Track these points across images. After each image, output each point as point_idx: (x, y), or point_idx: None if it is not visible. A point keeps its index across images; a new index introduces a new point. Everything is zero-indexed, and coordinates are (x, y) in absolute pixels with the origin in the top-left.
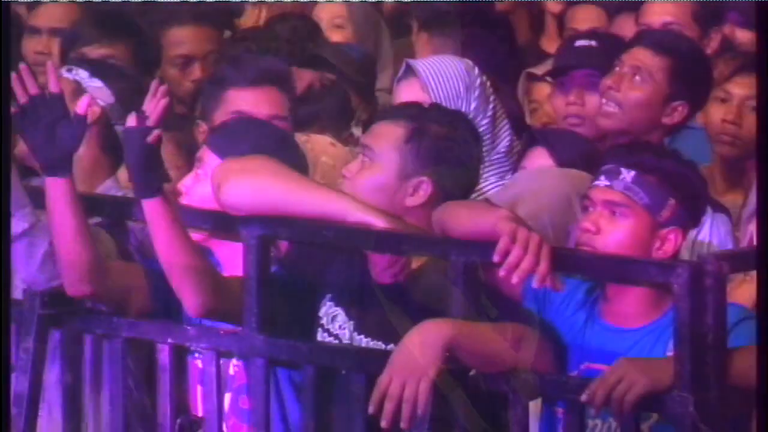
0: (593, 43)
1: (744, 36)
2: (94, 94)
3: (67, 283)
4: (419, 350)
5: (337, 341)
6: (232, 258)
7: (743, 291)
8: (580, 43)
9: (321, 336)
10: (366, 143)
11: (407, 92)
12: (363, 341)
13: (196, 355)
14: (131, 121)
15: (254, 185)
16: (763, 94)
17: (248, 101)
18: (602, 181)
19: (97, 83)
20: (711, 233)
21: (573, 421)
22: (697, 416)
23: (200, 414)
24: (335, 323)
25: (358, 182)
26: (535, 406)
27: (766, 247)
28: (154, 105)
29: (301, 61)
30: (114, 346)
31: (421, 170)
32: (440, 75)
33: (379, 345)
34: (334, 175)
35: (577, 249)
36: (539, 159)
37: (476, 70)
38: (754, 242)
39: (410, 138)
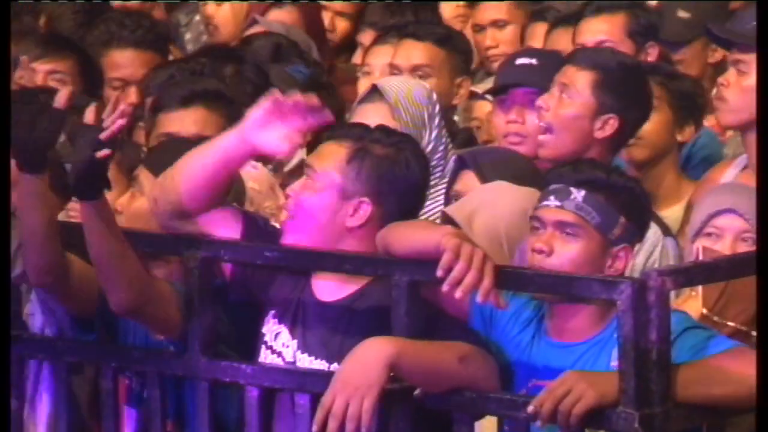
0: (533, 61)
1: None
2: None
3: (29, 272)
4: (362, 368)
5: (280, 359)
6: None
7: (689, 306)
8: (520, 61)
9: (264, 353)
10: (309, 163)
11: (374, 115)
12: (306, 360)
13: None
14: (89, 116)
15: (174, 175)
16: (763, 92)
17: (175, 122)
18: (552, 201)
19: None
20: (661, 259)
21: None
22: None
23: None
24: (279, 341)
25: (300, 201)
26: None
27: (766, 247)
28: (111, 121)
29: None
30: (58, 370)
31: (361, 191)
32: (408, 100)
33: (323, 364)
34: (260, 200)
35: (522, 267)
36: (469, 182)
37: (434, 96)
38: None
39: (352, 158)
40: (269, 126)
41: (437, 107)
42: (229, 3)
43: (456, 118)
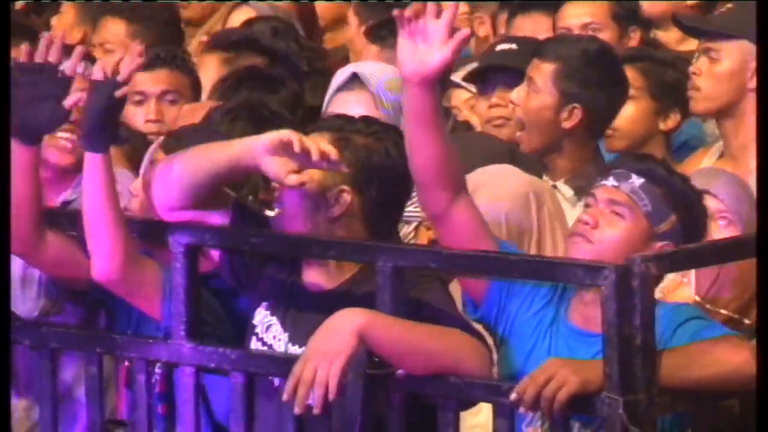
0: (513, 46)
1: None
2: None
3: (13, 240)
4: (331, 335)
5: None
6: None
7: (681, 294)
8: (501, 47)
9: (255, 344)
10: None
11: (355, 103)
12: (298, 351)
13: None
14: (98, 74)
15: (178, 165)
16: (763, 90)
17: (143, 82)
18: (610, 182)
19: None
20: None
21: (503, 425)
22: (626, 418)
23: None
24: (270, 333)
25: (283, 192)
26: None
27: (765, 245)
28: (128, 63)
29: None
30: (42, 357)
31: (341, 180)
32: (388, 86)
33: None
34: None
35: (505, 252)
36: None
37: None
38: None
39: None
40: (279, 154)
41: None
42: None
43: None
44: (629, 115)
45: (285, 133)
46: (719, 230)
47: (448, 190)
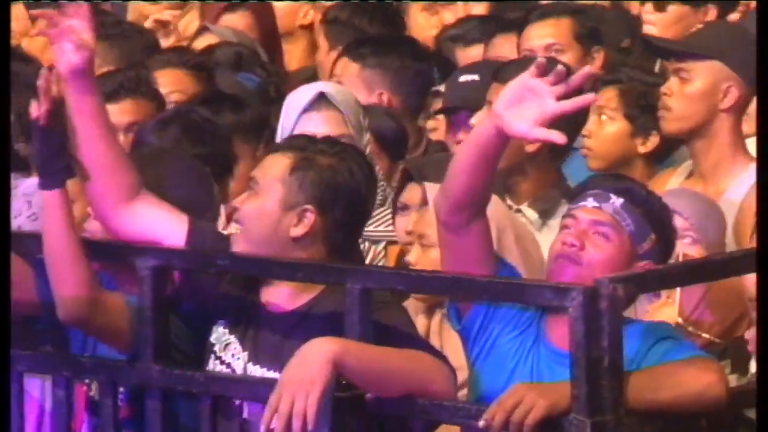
0: (476, 77)
1: None
2: None
3: None
4: (306, 366)
5: (229, 370)
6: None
7: (664, 313)
8: (463, 78)
9: (213, 364)
10: (252, 175)
11: (324, 123)
12: (258, 371)
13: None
14: (33, 112)
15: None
16: (763, 96)
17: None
18: (590, 202)
19: None
20: None
21: None
22: None
23: None
24: (228, 352)
25: (242, 211)
26: None
27: (765, 248)
28: (42, 102)
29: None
30: (12, 380)
31: (305, 200)
32: (351, 106)
33: (276, 375)
34: None
35: (473, 275)
36: (415, 194)
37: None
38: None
39: (295, 169)
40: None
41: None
42: None
43: None
44: (603, 135)
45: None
46: (683, 249)
47: (477, 206)
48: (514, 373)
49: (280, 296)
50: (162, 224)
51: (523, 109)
